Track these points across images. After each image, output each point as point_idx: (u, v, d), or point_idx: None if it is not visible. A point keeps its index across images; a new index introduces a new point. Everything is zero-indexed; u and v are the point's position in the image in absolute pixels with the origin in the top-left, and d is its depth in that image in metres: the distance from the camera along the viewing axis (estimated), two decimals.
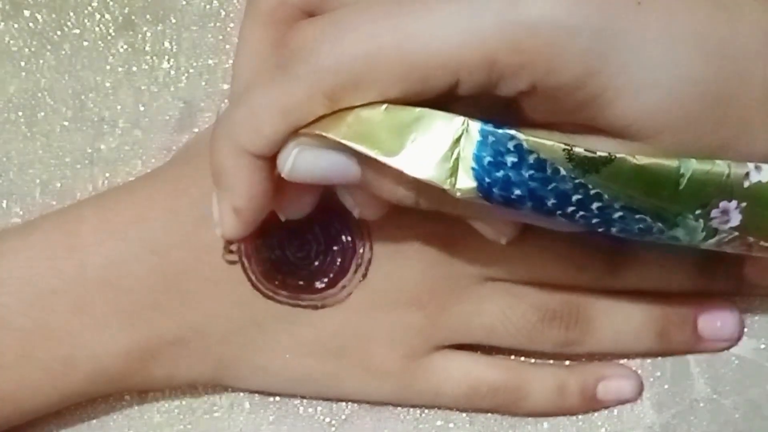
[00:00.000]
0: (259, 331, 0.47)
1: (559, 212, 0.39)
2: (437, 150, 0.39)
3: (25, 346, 0.46)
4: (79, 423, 0.50)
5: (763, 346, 0.50)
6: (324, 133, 0.39)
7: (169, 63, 0.53)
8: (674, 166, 0.39)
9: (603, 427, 0.50)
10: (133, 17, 0.53)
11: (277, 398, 0.50)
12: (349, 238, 0.47)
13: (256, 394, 0.50)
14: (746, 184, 0.39)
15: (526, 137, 0.38)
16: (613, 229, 0.40)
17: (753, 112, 0.39)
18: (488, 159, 0.38)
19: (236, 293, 0.47)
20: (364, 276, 0.47)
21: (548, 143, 0.38)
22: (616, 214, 0.39)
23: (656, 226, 0.40)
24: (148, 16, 0.53)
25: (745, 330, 0.50)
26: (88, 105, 0.52)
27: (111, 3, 0.53)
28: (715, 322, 0.50)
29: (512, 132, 0.38)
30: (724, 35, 0.38)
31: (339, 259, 0.47)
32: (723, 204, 0.39)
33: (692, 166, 0.39)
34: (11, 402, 0.47)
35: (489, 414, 0.50)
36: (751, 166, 0.39)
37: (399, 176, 0.40)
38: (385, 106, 0.39)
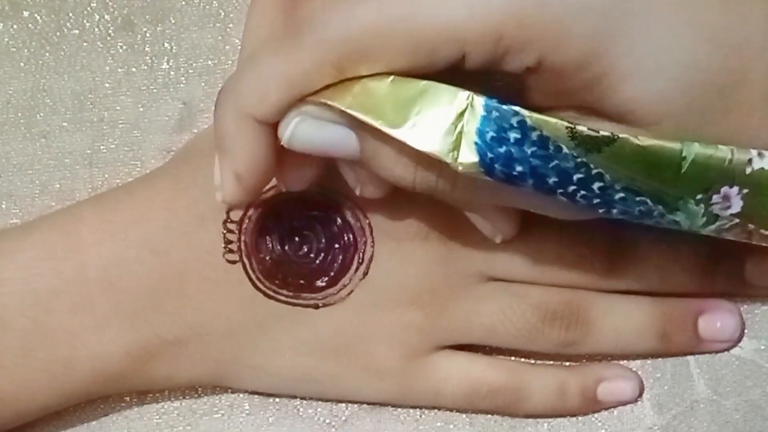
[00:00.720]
0: (260, 330, 0.47)
1: (560, 191, 0.39)
2: (441, 123, 0.39)
3: (25, 346, 0.46)
4: (78, 424, 0.50)
5: (763, 347, 0.50)
6: (329, 102, 0.40)
7: (168, 64, 0.53)
8: (677, 149, 0.39)
9: (603, 428, 0.50)
10: (132, 18, 0.53)
11: (277, 399, 0.50)
12: (351, 236, 0.47)
13: (256, 396, 0.50)
14: (748, 170, 0.39)
15: (529, 114, 0.38)
16: (614, 211, 0.40)
17: (755, 105, 0.39)
18: (491, 134, 0.38)
19: (236, 293, 0.47)
20: (365, 274, 0.47)
21: (552, 121, 0.38)
22: (617, 195, 0.39)
23: (657, 209, 0.40)
24: (147, 17, 0.53)
25: (746, 331, 0.50)
26: (88, 106, 0.52)
27: (110, 3, 0.53)
28: (716, 322, 0.50)
29: (516, 108, 0.38)
30: (731, 26, 0.38)
31: (340, 257, 0.47)
32: (724, 190, 0.39)
33: (695, 149, 0.39)
34: (11, 402, 0.47)
35: (489, 415, 0.50)
36: (753, 152, 0.39)
37: (397, 155, 0.40)
38: (391, 78, 0.39)
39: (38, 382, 0.47)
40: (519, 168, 0.39)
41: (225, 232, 0.47)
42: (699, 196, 0.39)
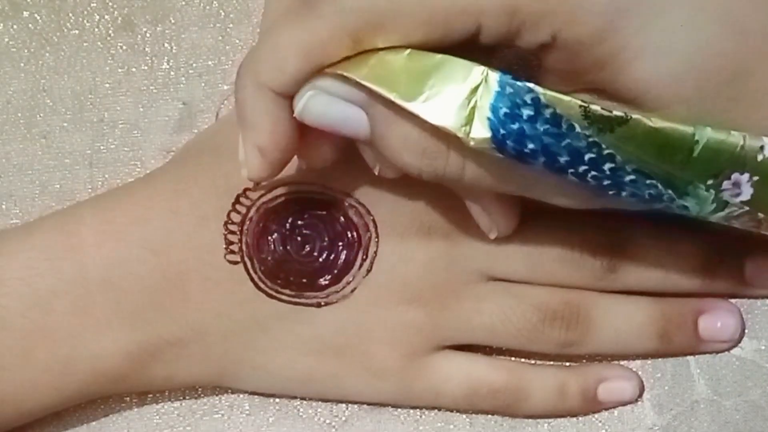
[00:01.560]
0: (261, 330, 0.47)
1: (570, 171, 0.39)
2: (455, 97, 0.38)
3: (25, 346, 0.46)
4: (78, 425, 0.50)
5: (763, 347, 0.50)
6: (345, 73, 0.40)
7: (168, 64, 0.53)
8: (689, 132, 0.38)
9: (603, 429, 0.50)
10: (132, 18, 0.53)
11: (277, 399, 0.50)
12: (355, 233, 0.47)
13: (256, 396, 0.50)
14: (760, 158, 0.39)
15: (544, 91, 0.38)
16: (624, 193, 0.39)
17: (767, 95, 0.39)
18: (504, 110, 0.38)
19: (238, 293, 0.47)
20: (369, 270, 0.47)
21: (565, 99, 0.38)
22: (628, 177, 0.39)
23: (666, 194, 0.39)
24: (147, 17, 0.53)
25: (746, 331, 0.50)
26: (88, 106, 0.52)
27: (110, 4, 0.53)
28: (716, 323, 0.50)
29: (530, 85, 0.38)
30: (746, 12, 0.38)
31: (344, 254, 0.47)
32: (735, 176, 0.39)
33: (707, 134, 0.38)
34: (11, 402, 0.47)
35: (489, 415, 0.50)
36: (766, 140, 0.39)
37: (405, 139, 0.40)
38: (408, 51, 0.39)
39: (38, 382, 0.46)
40: (531, 145, 0.38)
41: (226, 232, 0.47)
42: (709, 182, 0.39)
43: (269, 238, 0.47)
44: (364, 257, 0.47)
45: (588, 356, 0.50)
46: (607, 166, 0.39)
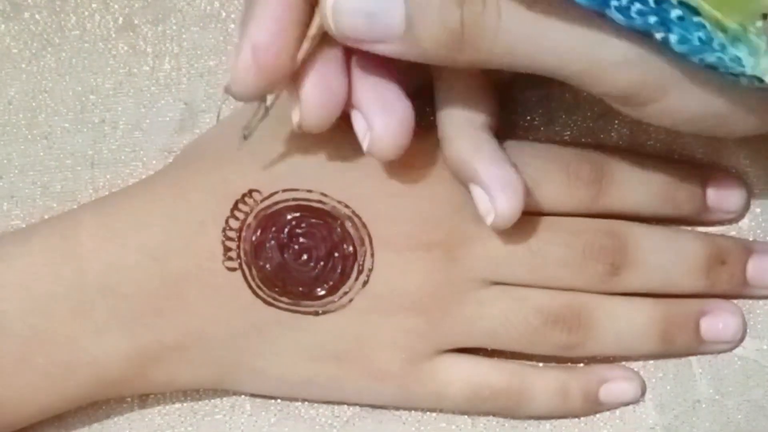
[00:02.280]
0: (260, 336, 0.47)
1: (614, 4, 0.38)
2: None
3: (25, 351, 0.46)
4: (79, 425, 0.50)
5: (765, 347, 0.50)
6: None
7: (169, 64, 0.52)
8: None
9: (605, 429, 0.50)
10: (133, 18, 0.53)
11: (279, 400, 0.50)
12: (351, 246, 0.47)
13: (258, 397, 0.50)
14: None
15: None
16: (672, 37, 0.38)
17: None
18: None
19: (236, 299, 0.47)
20: (365, 283, 0.47)
21: None
22: (674, 13, 0.38)
23: (717, 38, 0.38)
24: (148, 17, 0.53)
25: (748, 331, 0.50)
26: (89, 107, 0.52)
27: (111, 4, 0.53)
28: (718, 323, 0.50)
29: None
30: None
31: (340, 266, 0.47)
32: None
33: None
34: (11, 407, 0.47)
35: (491, 416, 0.50)
36: None
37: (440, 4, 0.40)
38: None
39: (38, 387, 0.47)
40: None
41: (224, 239, 0.47)
42: (758, 23, 0.38)
43: (266, 245, 0.47)
44: (360, 270, 0.47)
45: (590, 357, 0.50)
46: None
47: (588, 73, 0.40)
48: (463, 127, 0.46)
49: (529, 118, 0.51)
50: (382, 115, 0.44)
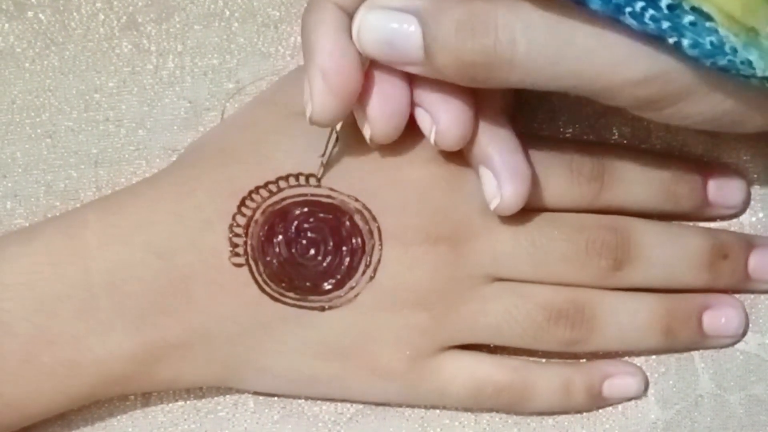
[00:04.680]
0: (266, 333, 0.47)
1: (628, 10, 0.38)
2: None
3: (30, 350, 0.46)
4: (83, 423, 0.50)
5: (767, 342, 0.50)
6: None
7: (173, 63, 0.52)
8: None
9: (607, 423, 0.50)
10: (137, 17, 0.53)
11: (282, 398, 0.50)
12: (359, 239, 0.47)
13: (261, 394, 0.50)
14: None
15: None
16: (685, 41, 0.38)
17: None
18: None
19: (242, 296, 0.47)
20: (372, 277, 0.47)
21: None
22: (687, 19, 0.38)
23: (728, 42, 0.38)
24: (152, 16, 0.53)
25: (750, 326, 0.51)
26: (93, 105, 0.52)
27: (115, 3, 0.53)
28: (720, 318, 0.50)
29: None
30: None
31: (347, 260, 0.47)
32: None
33: None
34: (16, 406, 0.47)
35: (494, 412, 0.50)
36: None
37: (457, 23, 0.41)
38: None
39: (43, 386, 0.46)
40: None
41: (231, 235, 0.47)
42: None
43: (274, 240, 0.47)
44: (368, 264, 0.47)
45: (593, 353, 0.50)
46: (664, 3, 0.38)
47: (608, 90, 0.41)
48: (481, 110, 0.46)
49: (532, 115, 0.52)
50: (445, 108, 0.44)
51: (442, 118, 0.44)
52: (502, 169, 0.45)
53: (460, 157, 0.47)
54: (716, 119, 0.42)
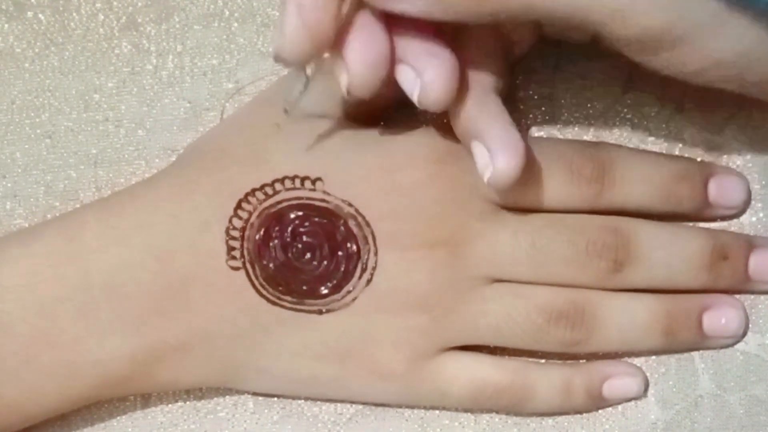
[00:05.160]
0: (264, 335, 0.47)
1: None
2: None
3: (29, 352, 0.46)
4: (82, 425, 0.50)
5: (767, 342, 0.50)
6: None
7: (173, 63, 0.52)
8: None
9: (607, 424, 0.50)
10: (136, 17, 0.53)
11: (281, 398, 0.50)
12: (354, 245, 0.47)
13: (260, 395, 0.50)
14: None
15: None
16: None
17: None
18: None
19: (240, 299, 0.47)
20: (369, 281, 0.47)
21: None
22: None
23: None
24: (151, 16, 0.53)
25: (750, 326, 0.50)
26: (92, 105, 0.52)
27: (115, 3, 0.53)
28: (720, 319, 0.50)
29: None
30: None
31: (343, 265, 0.47)
32: None
33: None
34: (16, 407, 0.47)
35: (494, 413, 0.50)
36: None
37: None
38: None
39: (43, 387, 0.47)
40: None
41: (228, 238, 0.47)
42: None
43: (270, 244, 0.47)
44: (364, 269, 0.47)
45: (593, 354, 0.50)
46: None
47: (619, 14, 0.40)
48: (471, 87, 0.45)
49: (531, 116, 0.52)
50: (431, 62, 0.43)
51: (428, 71, 0.43)
52: (493, 140, 0.44)
53: (456, 159, 0.47)
54: (730, 63, 0.41)
